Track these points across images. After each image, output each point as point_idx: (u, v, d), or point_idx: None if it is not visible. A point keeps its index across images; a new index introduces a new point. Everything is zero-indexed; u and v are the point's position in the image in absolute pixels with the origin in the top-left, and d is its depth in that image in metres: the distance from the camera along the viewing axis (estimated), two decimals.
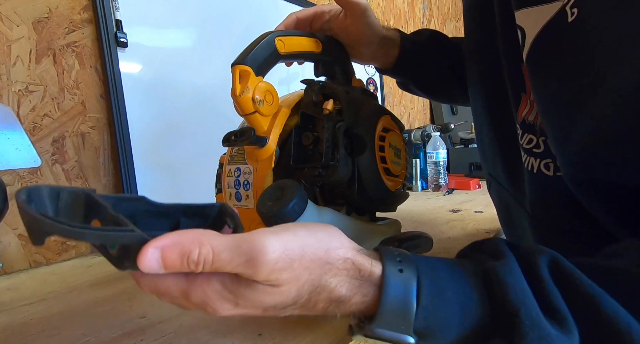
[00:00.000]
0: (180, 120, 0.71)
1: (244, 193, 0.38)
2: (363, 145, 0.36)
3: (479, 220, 0.70)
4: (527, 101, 0.34)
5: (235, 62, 0.35)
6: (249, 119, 0.36)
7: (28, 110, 0.56)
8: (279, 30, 0.41)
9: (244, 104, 0.35)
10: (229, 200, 0.40)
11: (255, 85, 0.35)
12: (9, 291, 0.46)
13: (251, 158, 0.38)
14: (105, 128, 0.64)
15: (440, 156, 1.10)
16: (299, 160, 0.37)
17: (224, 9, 0.79)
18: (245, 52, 0.36)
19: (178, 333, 0.32)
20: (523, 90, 0.34)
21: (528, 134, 0.35)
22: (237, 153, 0.40)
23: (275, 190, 0.33)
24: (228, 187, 0.40)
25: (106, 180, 0.64)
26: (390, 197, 0.40)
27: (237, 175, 0.39)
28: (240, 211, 0.38)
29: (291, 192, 0.31)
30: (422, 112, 1.59)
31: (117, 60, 0.62)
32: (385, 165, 0.39)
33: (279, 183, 0.33)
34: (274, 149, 0.37)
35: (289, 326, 0.33)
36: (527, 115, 0.34)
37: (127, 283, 0.47)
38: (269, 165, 0.37)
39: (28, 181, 0.56)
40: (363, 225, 0.41)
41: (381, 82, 1.26)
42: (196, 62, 0.73)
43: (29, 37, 0.56)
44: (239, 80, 0.35)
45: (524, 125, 0.35)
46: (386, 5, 1.37)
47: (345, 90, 0.39)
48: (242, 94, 0.34)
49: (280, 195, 0.32)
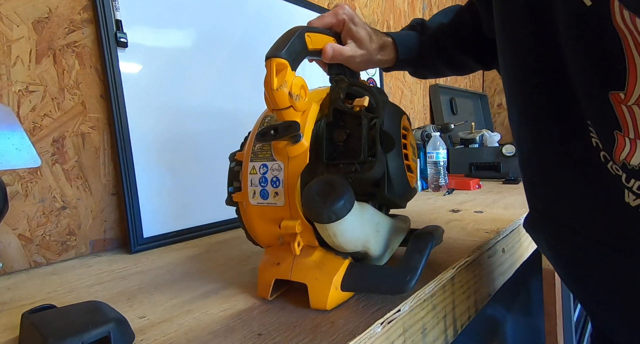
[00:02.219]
0: (180, 120, 0.71)
1: (273, 190, 0.37)
2: (392, 143, 0.36)
3: (479, 220, 0.70)
4: (624, 140, 0.27)
5: (272, 55, 0.34)
6: (282, 114, 0.35)
7: (28, 110, 0.56)
8: (306, 26, 0.41)
9: (280, 98, 0.34)
10: (252, 198, 0.38)
11: (292, 80, 0.34)
12: (9, 291, 0.46)
13: (280, 155, 0.37)
14: (105, 128, 0.64)
15: (440, 156, 1.10)
16: (331, 156, 0.37)
17: (224, 9, 0.79)
18: (281, 45, 0.35)
19: (178, 333, 0.32)
20: (617, 128, 0.27)
21: (636, 180, 0.27)
22: (262, 150, 0.39)
23: (324, 185, 0.32)
24: (251, 185, 0.38)
25: (106, 180, 0.64)
26: (410, 193, 0.41)
27: (262, 172, 0.38)
28: (266, 209, 0.38)
29: (342, 187, 0.31)
30: (422, 112, 1.59)
31: (117, 60, 0.62)
32: (408, 162, 0.39)
33: (324, 179, 0.33)
34: (307, 145, 0.36)
35: (289, 326, 0.33)
36: (627, 158, 0.27)
37: (128, 283, 0.47)
38: (304, 161, 0.36)
39: (28, 181, 0.56)
40: (391, 220, 0.42)
41: (381, 82, 1.26)
42: (196, 62, 0.73)
43: (29, 37, 0.56)
44: (275, 73, 0.33)
45: (628, 169, 0.28)
46: (386, 5, 1.37)
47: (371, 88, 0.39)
48: (279, 88, 0.33)
49: (330, 190, 0.31)
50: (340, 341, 0.30)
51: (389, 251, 0.41)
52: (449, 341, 0.44)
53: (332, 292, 0.35)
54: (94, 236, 0.63)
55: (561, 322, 1.07)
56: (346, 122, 0.37)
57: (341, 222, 0.32)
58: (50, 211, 0.58)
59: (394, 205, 0.45)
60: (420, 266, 0.35)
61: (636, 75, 0.24)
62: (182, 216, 0.69)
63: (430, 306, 0.40)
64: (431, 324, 0.41)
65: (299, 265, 0.37)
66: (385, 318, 0.33)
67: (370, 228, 0.37)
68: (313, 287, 0.35)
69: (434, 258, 0.48)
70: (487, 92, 2.10)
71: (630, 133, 0.26)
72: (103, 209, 0.64)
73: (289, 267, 0.37)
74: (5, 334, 0.35)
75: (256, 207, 0.38)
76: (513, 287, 0.97)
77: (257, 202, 0.38)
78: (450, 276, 0.44)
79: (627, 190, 0.28)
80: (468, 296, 0.49)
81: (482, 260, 0.53)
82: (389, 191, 0.37)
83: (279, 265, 0.37)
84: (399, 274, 0.34)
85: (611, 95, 0.26)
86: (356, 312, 0.35)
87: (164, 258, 0.57)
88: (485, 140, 1.46)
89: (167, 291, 0.43)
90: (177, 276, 0.48)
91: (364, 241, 0.36)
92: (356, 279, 0.36)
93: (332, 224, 0.32)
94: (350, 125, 0.37)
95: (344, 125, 0.37)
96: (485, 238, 0.56)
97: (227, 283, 0.44)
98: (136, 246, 0.62)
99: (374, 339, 0.32)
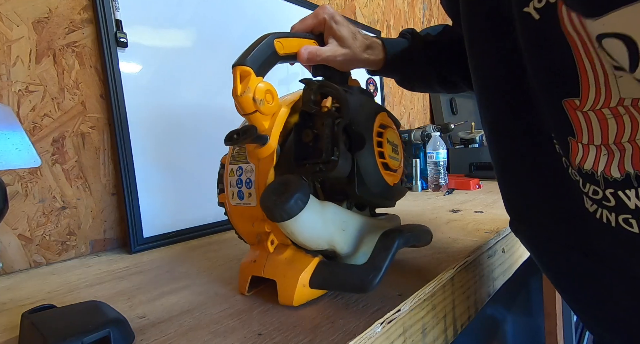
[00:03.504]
0: (180, 120, 0.71)
1: (247, 191, 0.39)
2: (362, 141, 0.37)
3: (479, 220, 0.70)
4: (577, 146, 0.27)
5: (236, 63, 0.36)
6: (250, 118, 0.37)
7: (28, 110, 0.56)
8: (277, 32, 0.43)
9: (244, 104, 0.36)
10: (231, 199, 0.41)
11: (256, 86, 0.36)
12: (9, 291, 0.46)
13: (253, 157, 0.39)
14: (105, 128, 0.64)
15: (440, 156, 1.10)
16: (300, 157, 0.38)
17: (223, 9, 0.79)
18: (246, 53, 0.37)
19: (178, 333, 0.32)
20: (570, 134, 0.27)
21: (590, 185, 0.28)
22: (239, 153, 0.41)
23: (279, 184, 0.34)
24: (230, 186, 0.41)
25: (106, 180, 0.64)
26: (389, 191, 0.41)
27: (239, 174, 0.40)
28: (243, 209, 0.39)
29: (294, 186, 0.33)
30: (422, 112, 1.59)
31: (117, 60, 0.62)
32: (384, 160, 0.40)
33: (282, 179, 0.34)
34: (274, 147, 0.37)
35: (289, 326, 0.33)
36: (582, 162, 0.27)
37: (128, 283, 0.47)
38: (271, 162, 0.37)
39: (28, 181, 0.56)
40: (364, 218, 0.42)
41: (381, 82, 1.26)
42: (196, 62, 0.73)
43: (29, 37, 0.56)
44: (239, 80, 0.35)
45: (583, 174, 0.28)
46: (386, 5, 1.37)
47: (343, 88, 0.39)
48: (243, 94, 0.35)
49: (284, 190, 0.33)
50: (340, 341, 0.30)
51: (366, 249, 0.40)
52: (449, 341, 0.44)
53: (299, 289, 0.36)
54: (94, 236, 0.63)
55: (561, 322, 1.07)
56: (314, 123, 0.38)
57: (296, 220, 0.33)
58: (50, 211, 0.58)
59: (373, 204, 0.45)
60: (384, 265, 0.35)
61: (588, 81, 0.24)
62: (182, 216, 0.69)
63: (430, 306, 0.40)
64: (431, 324, 0.41)
65: (271, 262, 0.38)
66: (385, 318, 0.33)
67: (334, 226, 0.37)
68: (281, 283, 0.37)
69: (434, 258, 0.48)
70: None
71: (583, 139, 0.27)
72: (103, 209, 0.64)
73: (262, 264, 0.39)
74: (5, 334, 0.35)
75: (236, 207, 0.40)
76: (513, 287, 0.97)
77: (235, 203, 0.40)
78: (450, 276, 0.44)
79: (585, 196, 0.29)
80: (468, 296, 0.49)
81: (482, 260, 0.53)
82: (359, 190, 0.38)
83: (255, 262, 0.39)
84: (363, 272, 0.35)
85: (565, 102, 0.26)
86: (356, 312, 0.35)
87: (164, 258, 0.57)
88: (485, 140, 1.46)
89: (167, 291, 0.43)
90: (177, 276, 0.48)
91: (327, 240, 0.37)
92: (323, 277, 0.36)
93: (287, 222, 0.33)
94: (318, 126, 0.38)
95: (312, 126, 0.38)
96: (485, 238, 0.56)
97: (227, 283, 0.44)
98: (136, 246, 0.62)
99: (374, 339, 0.32)
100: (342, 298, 0.38)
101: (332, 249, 0.38)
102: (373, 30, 1.25)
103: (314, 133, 0.38)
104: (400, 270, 0.45)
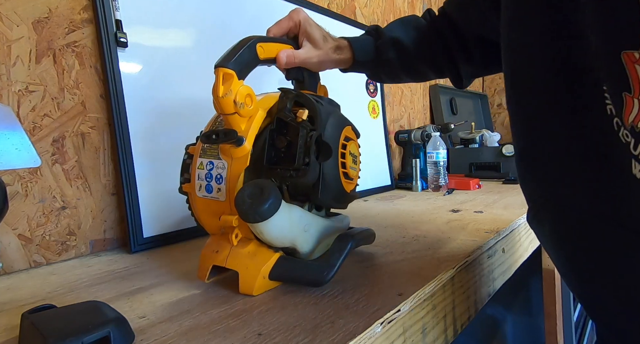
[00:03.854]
0: (180, 121, 0.70)
1: (216, 186, 0.41)
2: (329, 152, 0.40)
3: (479, 220, 0.70)
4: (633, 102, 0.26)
5: (219, 65, 0.38)
6: (228, 119, 0.39)
7: (28, 110, 0.56)
8: (259, 36, 0.45)
9: (225, 105, 0.37)
10: (198, 191, 0.42)
11: (238, 89, 0.37)
12: (9, 291, 0.46)
13: (226, 154, 0.41)
14: (105, 128, 0.64)
15: (440, 156, 1.10)
16: (271, 160, 0.40)
17: (224, 9, 0.79)
18: (230, 55, 0.39)
19: (178, 333, 0.32)
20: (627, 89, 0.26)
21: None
22: (210, 148, 0.42)
23: (254, 188, 0.36)
24: (198, 179, 0.42)
25: (106, 180, 0.64)
26: (346, 197, 0.45)
27: (209, 169, 0.42)
28: (210, 202, 0.42)
29: (269, 192, 0.35)
30: (422, 112, 1.59)
31: (117, 60, 0.62)
32: (345, 170, 0.44)
33: (257, 183, 0.37)
34: (249, 149, 0.40)
35: (289, 326, 0.33)
36: (635, 120, 0.26)
37: (128, 283, 0.47)
38: (245, 163, 0.40)
39: (28, 181, 0.56)
40: (322, 220, 0.46)
41: (381, 83, 1.26)
42: (196, 62, 0.73)
43: (29, 37, 0.56)
44: (222, 81, 0.37)
45: (636, 134, 0.26)
46: (386, 5, 1.37)
47: (316, 100, 0.43)
48: (225, 96, 0.37)
49: (259, 194, 0.35)
50: (340, 341, 0.30)
51: (321, 247, 0.44)
52: (449, 341, 0.44)
53: (259, 280, 0.39)
54: (94, 236, 0.63)
55: (561, 322, 1.06)
56: (288, 131, 0.41)
57: (267, 222, 0.36)
58: (50, 211, 0.58)
59: (330, 207, 0.50)
60: (337, 263, 0.40)
61: None
62: (182, 216, 0.69)
63: (430, 306, 0.40)
64: (431, 324, 0.41)
65: (235, 254, 0.41)
66: (385, 318, 0.33)
67: (297, 228, 0.41)
68: (243, 274, 0.40)
69: (434, 258, 0.48)
70: (487, 92, 2.10)
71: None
72: (103, 209, 0.64)
73: (225, 255, 0.41)
74: (5, 334, 0.35)
75: (202, 199, 0.42)
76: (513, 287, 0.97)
77: (202, 195, 0.42)
78: (450, 276, 0.44)
79: (634, 160, 0.27)
80: (468, 296, 0.49)
81: (482, 260, 0.53)
82: (322, 196, 0.41)
83: (218, 253, 0.42)
84: (319, 269, 0.40)
85: (624, 54, 0.25)
86: (356, 312, 0.35)
87: (164, 258, 0.57)
88: (485, 140, 1.46)
89: (167, 291, 0.43)
90: (177, 276, 0.48)
91: (291, 239, 0.40)
92: (283, 270, 0.40)
93: (259, 224, 0.36)
94: (291, 134, 0.40)
95: (286, 133, 0.41)
96: (485, 238, 0.56)
97: (227, 283, 0.44)
98: (136, 246, 0.62)
99: (374, 339, 0.32)
100: (342, 298, 0.38)
101: (293, 247, 0.41)
102: None
103: (287, 140, 0.40)
104: (400, 270, 0.45)
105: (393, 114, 1.38)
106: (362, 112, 1.17)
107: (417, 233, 0.62)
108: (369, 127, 1.19)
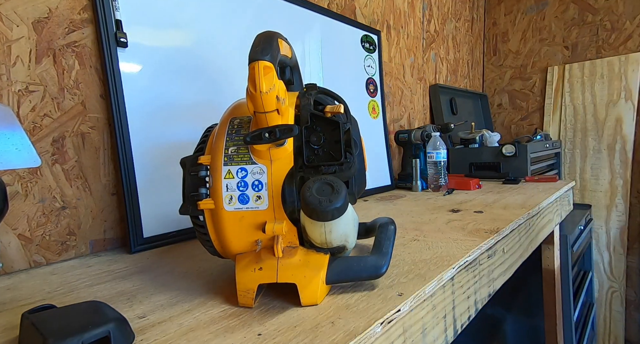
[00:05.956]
0: (180, 120, 0.70)
1: (254, 194, 0.37)
2: (357, 146, 0.40)
3: (479, 220, 0.70)
4: None
5: (257, 58, 0.34)
6: (266, 117, 0.35)
7: (28, 110, 0.56)
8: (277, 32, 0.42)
9: (268, 101, 0.34)
10: (227, 204, 0.37)
11: (280, 84, 0.34)
12: (9, 291, 0.46)
13: (262, 157, 0.37)
14: (105, 128, 0.64)
15: (440, 156, 1.10)
16: (309, 159, 0.38)
17: (224, 9, 0.79)
18: (265, 48, 0.35)
19: (178, 333, 0.32)
20: None
21: None
22: (237, 153, 0.38)
23: (323, 185, 0.34)
24: (227, 190, 0.38)
25: (106, 180, 0.64)
26: (364, 189, 0.45)
27: (241, 176, 0.37)
28: (245, 215, 0.37)
29: (339, 186, 0.34)
30: (422, 112, 1.59)
31: (117, 60, 0.62)
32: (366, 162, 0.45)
33: (322, 179, 0.34)
34: (291, 149, 0.37)
35: (289, 326, 0.33)
36: None
37: (128, 283, 0.47)
38: (289, 164, 0.37)
39: (28, 181, 0.56)
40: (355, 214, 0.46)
41: (381, 83, 1.26)
42: (196, 62, 0.73)
43: (29, 37, 0.56)
44: (262, 75, 0.33)
45: None
46: (386, 5, 1.37)
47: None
48: (269, 91, 0.33)
49: (331, 191, 0.33)
50: (340, 341, 0.30)
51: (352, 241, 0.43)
52: (449, 341, 0.44)
53: (321, 286, 0.37)
54: (94, 236, 0.63)
55: (561, 322, 1.06)
56: (322, 127, 0.39)
57: (340, 219, 0.34)
58: (50, 211, 0.58)
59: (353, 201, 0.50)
60: (390, 251, 0.40)
61: None
62: (182, 216, 0.69)
63: (430, 306, 0.40)
64: (431, 324, 0.41)
65: (286, 266, 0.37)
66: (385, 318, 0.33)
67: (352, 223, 0.40)
68: (303, 285, 0.36)
69: (434, 258, 0.48)
70: (487, 92, 2.10)
71: None
72: (103, 209, 0.64)
73: (273, 270, 0.37)
74: (5, 334, 0.35)
75: (232, 214, 0.37)
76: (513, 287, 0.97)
77: (234, 208, 0.37)
78: (450, 276, 0.44)
79: None
80: (468, 296, 0.49)
81: (482, 260, 0.53)
82: (356, 188, 0.41)
83: (262, 270, 0.37)
84: (374, 261, 0.38)
85: None
86: (356, 312, 0.35)
87: (164, 258, 0.57)
88: (485, 140, 1.46)
89: (167, 291, 0.43)
90: (177, 276, 0.48)
91: (347, 236, 0.38)
92: (339, 271, 0.38)
93: (333, 222, 0.34)
94: (325, 130, 0.39)
95: (320, 130, 0.39)
96: (485, 238, 0.56)
97: (227, 283, 0.44)
98: (136, 246, 0.62)
99: (374, 339, 0.32)
100: (342, 298, 0.38)
101: (344, 245, 0.38)
102: (373, 30, 1.25)
103: (322, 136, 0.39)
104: (400, 270, 0.45)
105: (393, 114, 1.38)
106: (362, 112, 1.17)
107: (417, 233, 0.62)
108: (369, 127, 1.19)
